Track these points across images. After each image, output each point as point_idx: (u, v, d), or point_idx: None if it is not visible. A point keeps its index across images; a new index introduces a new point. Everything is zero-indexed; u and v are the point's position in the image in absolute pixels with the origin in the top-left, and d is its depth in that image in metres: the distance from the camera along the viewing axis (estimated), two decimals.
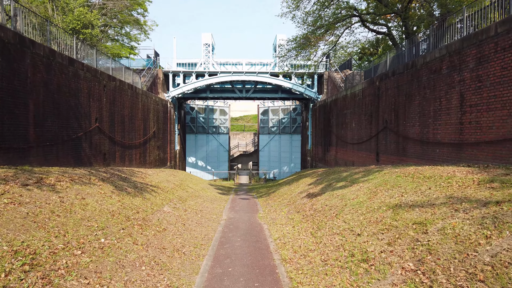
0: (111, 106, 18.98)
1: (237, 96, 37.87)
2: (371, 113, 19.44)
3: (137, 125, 23.45)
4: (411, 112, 14.81)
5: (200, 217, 14.21)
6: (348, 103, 23.78)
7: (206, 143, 46.55)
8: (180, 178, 23.71)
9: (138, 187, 14.04)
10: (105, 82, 18.17)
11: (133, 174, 16.98)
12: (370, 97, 19.65)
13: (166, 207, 13.29)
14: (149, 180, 17.23)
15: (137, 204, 11.34)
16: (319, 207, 12.50)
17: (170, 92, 34.18)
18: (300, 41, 23.98)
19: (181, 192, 18.04)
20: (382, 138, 17.84)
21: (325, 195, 13.75)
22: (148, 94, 26.24)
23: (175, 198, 15.73)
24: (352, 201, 10.93)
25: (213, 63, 36.17)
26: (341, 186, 13.94)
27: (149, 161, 26.46)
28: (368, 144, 19.90)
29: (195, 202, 17.26)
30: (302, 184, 20.19)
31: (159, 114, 29.45)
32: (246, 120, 63.34)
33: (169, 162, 33.23)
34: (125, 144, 21.13)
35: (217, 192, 25.27)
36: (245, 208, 18.23)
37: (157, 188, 15.84)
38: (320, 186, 16.45)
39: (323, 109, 31.07)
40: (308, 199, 14.88)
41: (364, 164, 20.27)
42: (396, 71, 16.36)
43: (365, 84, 20.41)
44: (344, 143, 24.41)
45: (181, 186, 20.19)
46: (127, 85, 21.46)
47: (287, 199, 17.96)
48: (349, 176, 15.42)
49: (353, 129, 22.63)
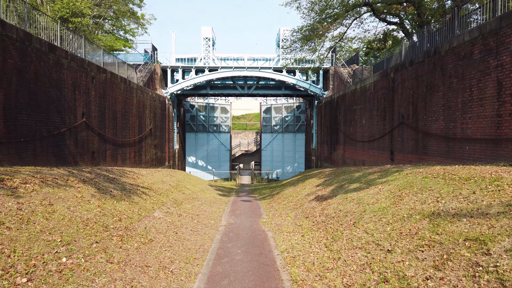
0: (101, 100, 17.42)
1: (238, 93, 36.29)
2: (385, 108, 17.81)
3: (131, 121, 21.90)
4: (433, 105, 13.17)
5: (196, 223, 12.62)
6: (357, 98, 22.15)
7: (206, 142, 44.98)
8: (177, 179, 22.14)
9: (126, 189, 12.47)
10: (94, 74, 16.61)
11: (123, 175, 15.41)
12: (383, 90, 18.02)
13: (157, 212, 11.71)
14: (141, 181, 15.66)
15: (121, 209, 9.75)
16: (332, 213, 10.89)
17: (169, 88, 32.63)
18: (306, 33, 22.35)
19: (176, 194, 16.46)
20: (398, 135, 16.20)
21: (337, 199, 12.13)
22: (144, 89, 24.69)
23: (169, 201, 14.15)
24: (372, 206, 9.31)
25: (213, 58, 34.60)
26: (355, 188, 12.33)
27: (145, 161, 24.92)
28: (380, 141, 18.27)
29: (191, 205, 15.67)
30: (309, 185, 18.57)
31: (156, 111, 27.90)
32: (248, 118, 61.75)
33: (167, 161, 31.68)
34: (118, 142, 19.58)
35: (217, 193, 23.69)
36: (247, 211, 16.64)
37: (149, 190, 14.27)
38: (330, 187, 14.84)
39: (329, 105, 29.44)
40: (317, 203, 13.27)
41: (376, 163, 18.63)
42: (414, 60, 14.73)
43: (378, 76, 18.77)
44: (353, 141, 22.78)
45: (177, 187, 18.61)
46: (119, 78, 19.90)
47: (293, 202, 16.36)
48: (363, 176, 13.80)
49: (363, 126, 21.00)
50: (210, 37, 34.22)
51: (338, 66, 31.72)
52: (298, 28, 22.91)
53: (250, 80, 36.22)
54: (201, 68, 33.17)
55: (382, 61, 20.78)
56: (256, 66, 32.55)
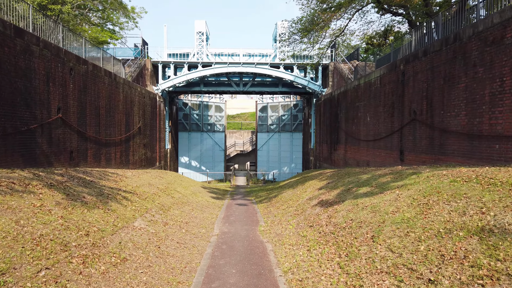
0: (81, 94, 15.74)
1: (233, 90, 34.68)
2: (393, 104, 16.32)
3: (117, 119, 20.20)
4: (452, 98, 11.68)
5: (185, 233, 11.00)
6: (361, 94, 20.66)
7: (200, 142, 43.30)
8: (167, 181, 20.49)
9: (103, 194, 10.82)
10: (72, 65, 14.92)
11: (104, 177, 13.75)
12: (391, 84, 16.53)
13: (138, 221, 10.08)
14: (124, 184, 14.01)
15: (92, 220, 8.12)
16: (341, 222, 9.35)
17: (160, 85, 30.93)
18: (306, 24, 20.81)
19: (164, 199, 14.82)
20: (409, 132, 14.71)
21: (345, 205, 10.59)
22: (131, 85, 23.00)
23: (154, 207, 12.52)
24: (393, 216, 7.78)
25: (207, 53, 32.97)
26: (366, 193, 10.79)
27: (133, 161, 23.22)
28: (388, 140, 16.78)
29: (181, 211, 14.04)
30: (310, 188, 17.04)
31: (145, 108, 26.20)
32: (243, 117, 60.14)
33: (158, 162, 29.98)
34: (101, 140, 17.89)
35: (210, 196, 22.07)
36: (243, 217, 15.06)
37: (133, 195, 12.63)
38: (335, 191, 13.30)
39: (329, 103, 27.94)
40: (322, 209, 11.73)
41: (383, 164, 17.15)
42: (429, 49, 13.24)
43: (385, 70, 17.28)
44: (356, 140, 21.29)
45: (166, 190, 16.97)
46: (103, 71, 18.21)
47: (293, 206, 14.81)
48: (372, 179, 12.28)
49: (367, 124, 19.51)
50: (203, 31, 32.59)
51: (338, 62, 30.24)
52: (297, 18, 21.38)
53: (246, 76, 34.62)
54: (194, 64, 31.51)
55: (388, 54, 19.30)
56: (252, 62, 30.97)
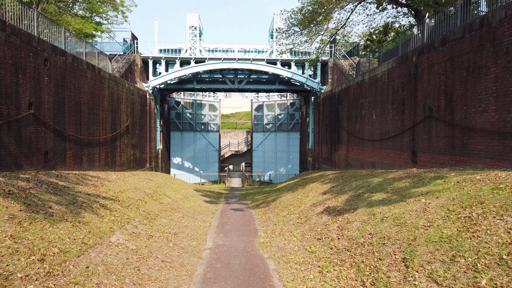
0: (58, 88, 14.09)
1: (228, 88, 33.11)
2: (403, 100, 14.91)
3: (101, 117, 18.56)
4: (478, 91, 10.28)
5: (172, 248, 9.45)
6: (365, 90, 19.25)
7: (193, 142, 41.64)
8: (156, 184, 18.90)
9: (77, 202, 9.23)
10: (48, 55, 13.28)
11: (81, 181, 12.14)
12: (401, 79, 15.12)
13: (116, 234, 8.51)
14: (105, 189, 12.40)
15: (54, 237, 6.55)
16: (357, 236, 7.87)
17: (150, 82, 29.27)
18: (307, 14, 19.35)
19: (151, 205, 13.23)
20: (423, 131, 13.31)
21: (358, 214, 9.13)
22: (118, 80, 21.35)
23: (138, 216, 10.94)
24: (426, 232, 6.31)
25: (200, 49, 31.37)
26: (382, 200, 9.33)
27: (121, 163, 21.57)
28: (397, 140, 15.37)
29: (169, 219, 12.47)
30: (312, 191, 15.57)
31: (134, 105, 24.55)
32: (238, 117, 58.58)
33: (148, 163, 28.32)
34: (83, 140, 16.25)
35: (203, 200, 20.51)
36: (239, 225, 13.53)
37: (113, 202, 11.04)
38: (343, 197, 11.84)
39: (329, 101, 26.53)
40: (330, 218, 10.25)
41: (392, 166, 15.74)
42: (448, 38, 11.83)
43: (393, 63, 15.87)
44: (360, 140, 19.88)
45: (154, 195, 15.39)
46: (85, 64, 16.57)
47: (295, 213, 13.32)
48: (386, 183, 10.83)
49: (373, 122, 18.10)
50: (196, 26, 31.00)
51: (338, 58, 28.86)
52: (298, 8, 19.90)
53: (241, 73, 33.09)
54: (187, 60, 29.89)
55: (396, 46, 17.90)
56: (248, 58, 29.43)
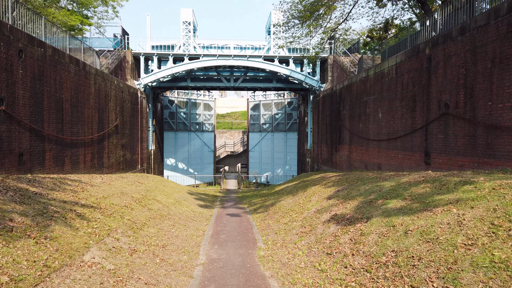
0: (36, 83, 12.73)
1: (223, 86, 31.82)
2: (414, 97, 13.74)
3: (87, 115, 17.19)
4: (506, 85, 9.11)
5: (159, 265, 8.15)
6: (369, 87, 18.07)
7: (188, 142, 40.28)
8: (146, 187, 17.56)
9: (47, 212, 7.90)
10: (23, 46, 11.92)
11: (59, 186, 10.79)
12: (411, 73, 13.95)
13: (92, 251, 7.20)
14: (86, 195, 11.06)
15: (7, 260, 5.24)
16: (377, 252, 6.65)
17: (142, 79, 27.88)
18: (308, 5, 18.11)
19: (138, 212, 11.91)
20: (437, 130, 12.13)
21: (374, 225, 7.90)
22: (106, 77, 19.98)
23: (122, 226, 9.62)
24: (470, 253, 5.09)
25: (194, 45, 30.04)
26: (401, 208, 8.10)
27: (109, 164, 20.19)
28: (407, 140, 14.19)
29: (158, 228, 11.16)
30: (315, 196, 14.34)
31: (124, 104, 23.18)
32: (233, 117, 57.28)
33: (139, 164, 26.93)
34: (65, 140, 14.88)
35: (197, 204, 19.21)
36: (236, 234, 12.25)
37: (94, 210, 9.71)
38: (351, 203, 10.62)
39: (329, 99, 25.34)
40: (339, 228, 9.02)
41: (401, 168, 14.55)
42: (468, 26, 10.66)
43: (402, 56, 14.69)
44: (364, 140, 18.69)
45: (143, 200, 14.06)
46: (68, 57, 15.20)
47: (297, 220, 12.08)
48: (401, 189, 9.63)
49: (378, 121, 16.92)
50: (190, 21, 29.66)
51: (338, 55, 27.69)
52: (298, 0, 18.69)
53: (237, 71, 31.83)
54: (180, 56, 28.56)
55: (404, 39, 16.72)
56: (244, 55, 28.18)
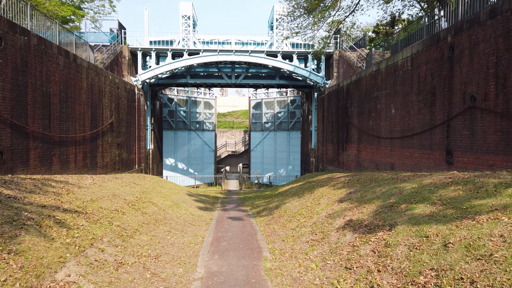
0: (18, 75, 11.58)
1: (224, 83, 30.64)
2: (433, 90, 12.54)
3: (78, 111, 16.05)
4: None
5: (149, 281, 6.97)
6: (381, 81, 16.88)
7: (187, 142, 39.13)
8: (142, 189, 16.40)
9: (19, 219, 6.73)
10: (2, 32, 10.77)
11: (40, 188, 9.62)
12: (430, 64, 12.75)
13: (68, 266, 6.03)
14: (71, 198, 9.89)
15: None
16: (411, 270, 5.46)
17: (139, 76, 26.74)
18: None
19: (130, 217, 10.74)
20: (462, 126, 10.94)
21: (400, 233, 6.71)
22: (100, 71, 18.83)
23: (109, 234, 8.45)
24: None
25: (194, 40, 28.88)
26: (431, 215, 6.91)
27: (103, 164, 19.03)
28: (425, 137, 12.99)
29: (151, 235, 9.98)
30: (324, 198, 13.14)
31: (120, 100, 22.03)
32: (235, 116, 56.11)
33: (137, 164, 25.78)
34: (53, 138, 13.73)
35: (196, 206, 18.04)
36: (238, 241, 11.07)
37: (77, 216, 8.54)
38: (368, 207, 9.43)
39: (335, 96, 24.15)
40: (357, 236, 7.84)
41: (418, 167, 13.36)
42: (499, 7, 9.47)
43: (419, 46, 13.50)
44: (374, 138, 17.50)
45: (137, 203, 12.89)
46: (56, 48, 14.05)
47: (306, 226, 10.89)
48: (426, 191, 8.44)
49: (391, 117, 15.73)
50: (190, 15, 28.50)
51: (344, 50, 26.51)
52: None
53: (239, 67, 30.65)
54: (179, 52, 27.41)
55: (418, 30, 15.51)
56: (246, 50, 27.01)
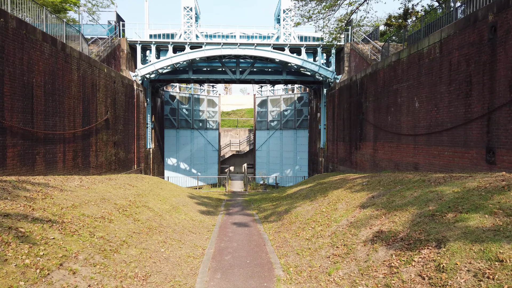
0: None
1: (228, 79, 29.07)
2: (469, 78, 10.88)
3: (68, 105, 14.56)
4: None
5: None
6: (402, 72, 15.22)
7: (190, 141, 37.62)
8: (138, 191, 14.87)
9: None
10: None
11: (9, 193, 8.09)
12: (465, 49, 11.09)
13: None
14: (46, 204, 8.35)
15: None
16: None
17: (138, 70, 25.25)
18: None
19: (119, 226, 9.18)
20: (507, 119, 9.28)
21: (455, 253, 5.08)
22: (94, 63, 17.34)
23: (88, 249, 6.89)
24: None
25: (197, 33, 27.37)
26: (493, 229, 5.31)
27: (97, 164, 17.53)
28: (459, 133, 11.33)
29: (142, 248, 8.40)
30: (342, 203, 11.51)
31: (117, 96, 20.54)
32: (239, 114, 54.53)
33: (136, 164, 24.28)
34: (36, 134, 12.24)
35: (198, 210, 16.48)
36: (244, 255, 9.48)
37: (50, 226, 7.00)
38: (400, 215, 7.80)
39: (348, 91, 22.50)
40: (392, 253, 6.23)
41: (449, 168, 11.68)
42: None
43: (451, 29, 11.83)
44: (394, 136, 15.85)
45: (129, 208, 11.34)
46: (40, 34, 12.56)
47: (325, 237, 9.27)
48: (476, 197, 6.83)
49: (414, 111, 14.08)
50: (192, 6, 26.99)
51: (356, 43, 24.86)
52: None
53: (243, 63, 29.07)
54: (181, 45, 25.88)
55: (446, 14, 13.83)
56: (252, 43, 25.44)
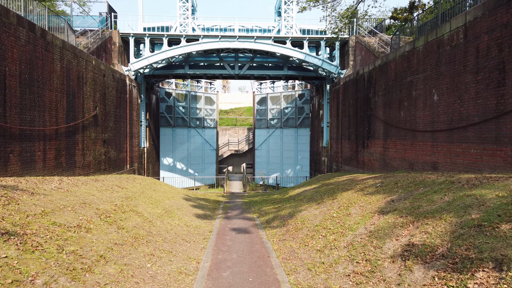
0: None
1: (227, 74, 27.68)
2: (501, 65, 9.54)
3: (49, 98, 13.14)
4: None
5: None
6: (417, 63, 13.88)
7: (187, 140, 36.21)
8: (127, 194, 13.45)
9: None
10: None
11: None
12: (496, 32, 9.74)
13: None
14: (9, 210, 6.96)
15: None
16: None
17: (131, 65, 23.83)
18: None
19: (98, 236, 7.76)
20: None
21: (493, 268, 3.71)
22: (80, 53, 15.92)
23: (50, 269, 5.49)
24: None
25: (193, 26, 25.96)
26: None
27: (84, 164, 16.12)
28: (488, 128, 9.98)
29: (122, 264, 7.00)
30: (355, 207, 10.14)
31: (107, 90, 19.12)
32: (238, 113, 53.14)
33: (128, 164, 22.86)
34: (10, 130, 10.82)
35: (194, 214, 15.09)
36: (246, 269, 8.08)
37: (5, 240, 5.59)
38: (434, 224, 6.45)
39: (354, 86, 21.15)
40: (432, 275, 4.86)
41: (476, 168, 10.34)
42: None
43: (479, 11, 10.48)
44: (408, 132, 14.50)
45: (114, 213, 9.93)
46: (15, 17, 11.15)
47: (340, 248, 7.90)
48: None
49: (433, 105, 12.73)
50: None
51: (362, 35, 23.53)
52: None
53: (243, 57, 27.70)
54: (177, 38, 24.48)
55: None
56: (251, 36, 24.07)
